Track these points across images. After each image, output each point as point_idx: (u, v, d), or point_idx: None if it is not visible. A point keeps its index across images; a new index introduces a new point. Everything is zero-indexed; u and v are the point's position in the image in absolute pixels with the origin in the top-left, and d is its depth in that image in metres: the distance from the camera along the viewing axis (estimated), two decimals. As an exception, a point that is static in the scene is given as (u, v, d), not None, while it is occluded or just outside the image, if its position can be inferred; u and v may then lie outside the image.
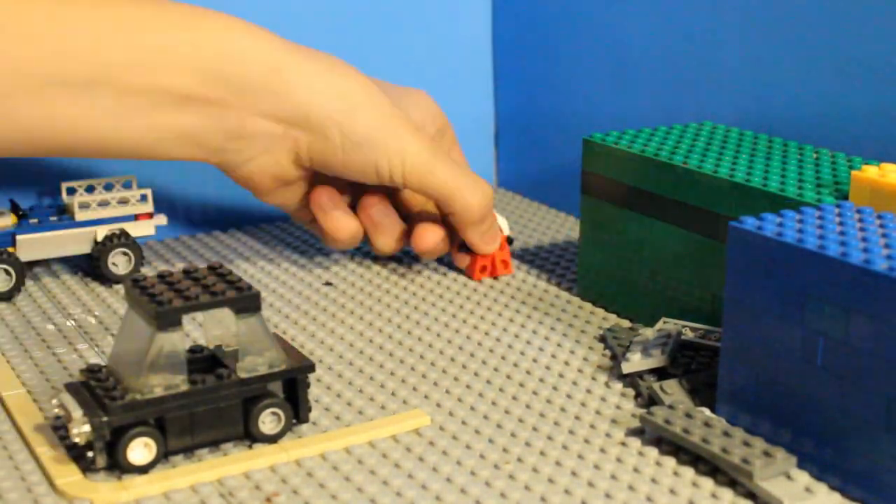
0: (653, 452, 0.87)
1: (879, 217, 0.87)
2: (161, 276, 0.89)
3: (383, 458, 0.87)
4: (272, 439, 0.88)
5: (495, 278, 1.25)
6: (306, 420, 0.90)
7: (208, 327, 0.92)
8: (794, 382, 0.83)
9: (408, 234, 1.23)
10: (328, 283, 1.25)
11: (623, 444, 0.89)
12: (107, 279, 1.23)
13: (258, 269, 1.30)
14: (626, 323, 1.12)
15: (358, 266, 1.30)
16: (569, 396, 0.97)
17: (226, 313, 0.88)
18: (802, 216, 0.87)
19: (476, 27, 1.57)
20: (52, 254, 1.22)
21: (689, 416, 0.87)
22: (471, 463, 0.86)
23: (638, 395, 0.96)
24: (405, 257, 1.32)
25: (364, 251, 1.34)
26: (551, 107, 1.51)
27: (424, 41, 1.53)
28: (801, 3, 1.15)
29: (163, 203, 1.37)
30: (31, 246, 1.20)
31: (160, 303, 0.84)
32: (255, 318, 0.87)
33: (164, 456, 0.86)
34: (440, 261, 1.31)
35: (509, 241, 1.27)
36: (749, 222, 0.86)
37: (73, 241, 1.23)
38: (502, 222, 1.27)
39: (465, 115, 1.56)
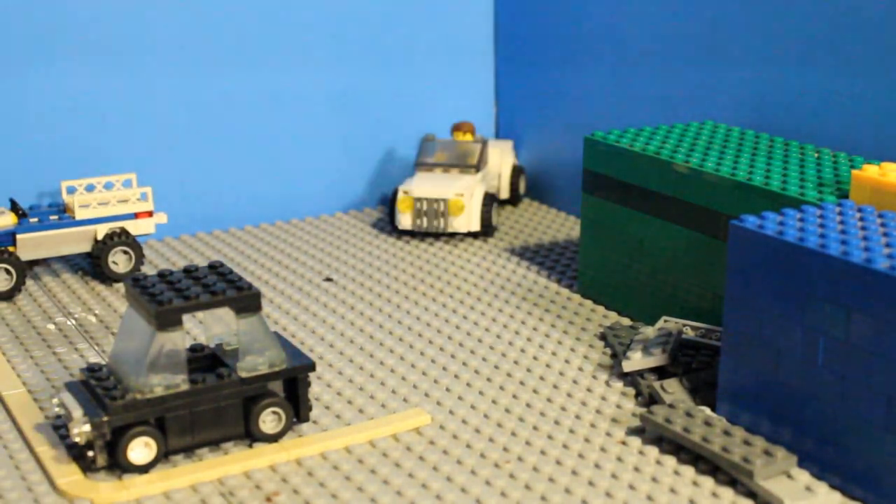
0: (653, 451, 0.87)
1: (880, 216, 0.87)
2: (161, 275, 0.89)
3: (384, 458, 0.87)
4: (273, 438, 0.88)
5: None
6: (307, 419, 0.90)
7: (209, 326, 0.92)
8: (795, 381, 0.83)
9: None
10: (328, 279, 1.25)
11: (623, 442, 0.88)
12: (107, 278, 1.23)
13: (258, 266, 1.30)
14: (626, 321, 1.12)
15: (358, 263, 1.30)
16: (569, 395, 0.97)
17: (226, 312, 0.88)
18: (804, 215, 0.87)
19: (478, 26, 1.57)
20: (52, 253, 1.22)
21: (689, 414, 0.87)
22: (471, 462, 0.86)
23: (638, 393, 0.96)
24: (405, 256, 1.33)
25: (363, 249, 1.35)
26: (552, 106, 1.51)
27: (426, 41, 1.53)
28: (802, 2, 1.15)
29: (163, 201, 1.37)
30: (32, 245, 1.20)
31: (160, 302, 0.84)
32: (255, 318, 0.87)
33: (164, 455, 0.86)
34: (440, 259, 1.31)
35: None
36: (750, 221, 0.86)
37: (74, 240, 1.22)
38: None
39: (466, 114, 1.56)
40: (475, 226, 1.34)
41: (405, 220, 1.35)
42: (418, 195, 1.34)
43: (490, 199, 1.36)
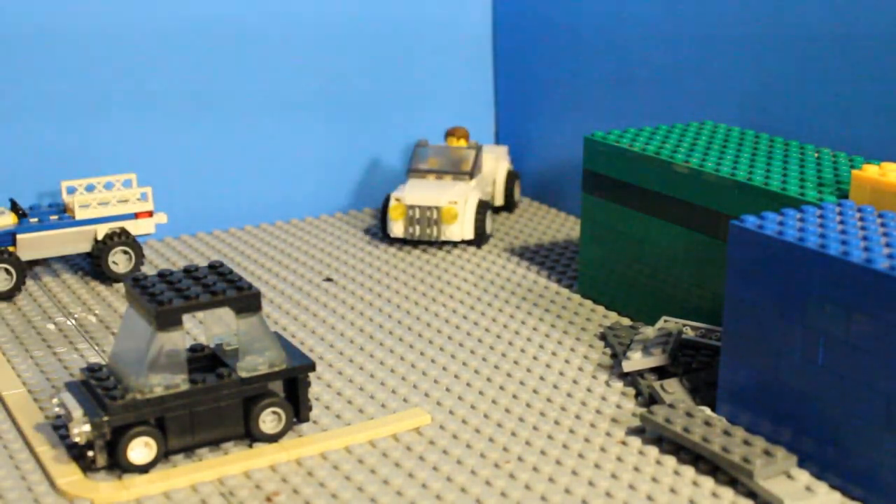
0: (653, 451, 0.87)
1: (880, 216, 0.87)
2: (161, 275, 0.89)
3: (384, 457, 0.87)
4: (273, 438, 0.88)
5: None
6: (307, 419, 0.90)
7: (209, 326, 0.92)
8: (795, 381, 0.83)
9: None
10: (328, 279, 1.25)
11: (623, 442, 0.88)
12: (107, 278, 1.23)
13: (258, 266, 1.30)
14: (626, 321, 1.12)
15: (358, 263, 1.30)
16: (569, 395, 0.97)
17: (226, 312, 0.88)
18: (803, 215, 0.87)
19: (477, 27, 1.57)
20: (52, 253, 1.22)
21: (689, 414, 0.87)
22: (471, 462, 0.86)
23: (638, 393, 0.96)
24: (405, 256, 1.32)
25: (363, 249, 1.35)
26: (552, 106, 1.51)
27: (425, 42, 1.53)
28: (802, 2, 1.15)
29: (163, 201, 1.37)
30: (32, 245, 1.20)
31: (160, 302, 0.84)
32: (255, 318, 0.87)
33: (164, 455, 0.86)
34: (440, 258, 1.31)
35: None
36: (750, 221, 0.86)
37: (74, 240, 1.22)
38: None
39: (465, 114, 1.56)
40: (468, 234, 1.32)
41: (397, 228, 1.32)
42: (411, 202, 1.32)
43: (484, 208, 1.33)
